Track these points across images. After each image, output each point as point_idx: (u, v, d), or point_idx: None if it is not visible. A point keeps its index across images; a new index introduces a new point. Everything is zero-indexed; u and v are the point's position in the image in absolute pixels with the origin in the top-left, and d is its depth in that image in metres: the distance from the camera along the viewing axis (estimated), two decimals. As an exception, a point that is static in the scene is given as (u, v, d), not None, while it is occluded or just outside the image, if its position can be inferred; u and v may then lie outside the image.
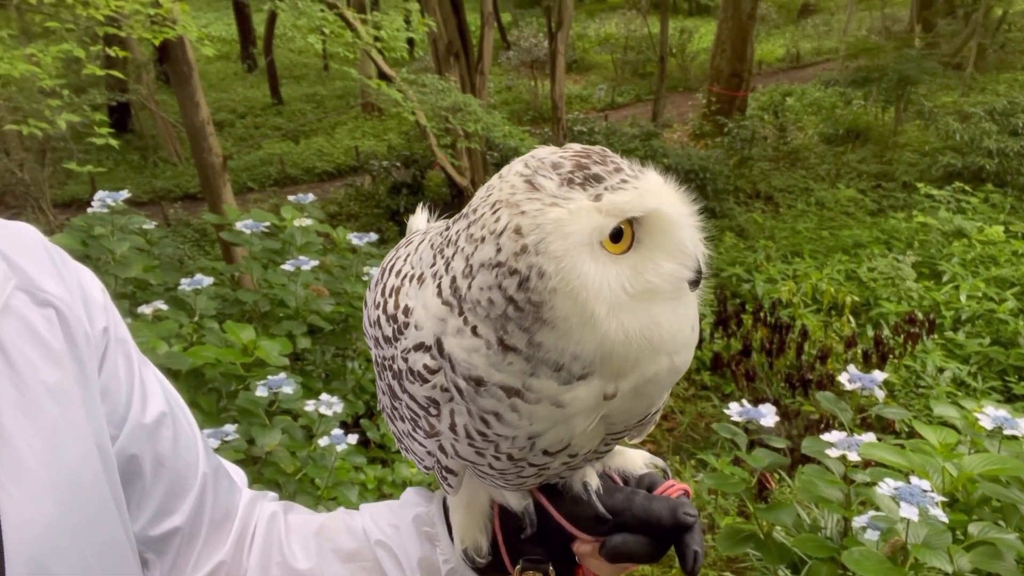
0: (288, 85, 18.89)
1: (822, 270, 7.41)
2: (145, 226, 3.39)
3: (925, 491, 1.72)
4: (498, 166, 6.74)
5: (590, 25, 22.19)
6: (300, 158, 13.96)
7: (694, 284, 0.67)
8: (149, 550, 0.79)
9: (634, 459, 0.85)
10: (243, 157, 13.50)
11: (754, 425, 2.15)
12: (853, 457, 1.93)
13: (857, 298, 6.60)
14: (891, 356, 5.45)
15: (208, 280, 2.94)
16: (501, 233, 0.61)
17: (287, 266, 3.02)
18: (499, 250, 0.61)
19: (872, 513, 1.87)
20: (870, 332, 6.17)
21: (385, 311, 0.72)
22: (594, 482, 0.79)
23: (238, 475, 0.95)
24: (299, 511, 0.93)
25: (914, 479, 1.79)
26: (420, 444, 0.76)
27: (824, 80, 12.77)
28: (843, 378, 2.19)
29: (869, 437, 1.97)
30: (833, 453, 1.96)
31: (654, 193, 0.64)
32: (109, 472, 0.71)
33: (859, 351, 5.50)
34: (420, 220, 0.85)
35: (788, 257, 8.07)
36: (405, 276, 0.72)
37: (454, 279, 0.65)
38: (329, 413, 2.46)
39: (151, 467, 0.78)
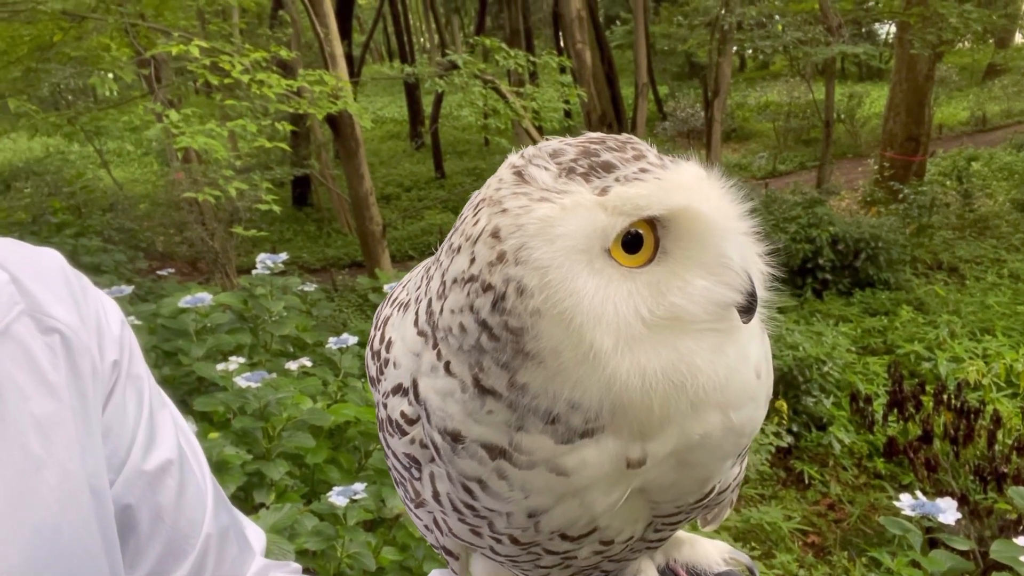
0: (451, 160, 19.91)
1: (1018, 349, 6.59)
2: (305, 288, 3.58)
3: None
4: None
5: (750, 93, 21.80)
6: (459, 228, 14.49)
7: (746, 312, 0.50)
8: None
9: (708, 552, 0.68)
10: (406, 227, 14.25)
11: (934, 522, 1.86)
12: (1059, 569, 1.61)
13: (1063, 382, 5.77)
14: (1109, 451, 4.67)
15: (354, 339, 3.02)
16: (477, 239, 0.48)
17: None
18: (472, 260, 0.47)
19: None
20: (1081, 422, 5.35)
21: (372, 346, 0.61)
22: None
23: (257, 538, 0.86)
24: None
25: None
26: (416, 516, 0.62)
27: (1016, 143, 11.68)
28: (1045, 472, 1.85)
29: (1080, 546, 1.64)
30: (1033, 562, 1.64)
31: (684, 187, 0.48)
32: (102, 521, 0.63)
33: (1067, 443, 4.76)
34: None
35: (976, 334, 7.26)
36: (398, 303, 0.61)
37: (430, 302, 0.52)
38: (459, 478, 2.39)
39: (148, 521, 0.70)
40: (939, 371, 6.41)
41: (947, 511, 1.81)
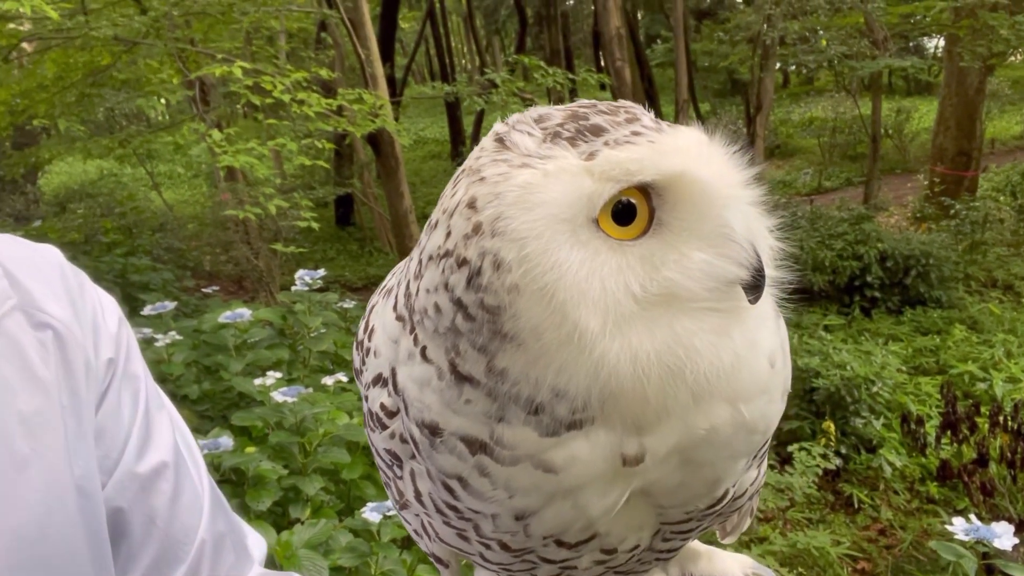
0: (492, 179, 20.05)
1: (1080, 370, 6.32)
2: (344, 305, 3.61)
3: None
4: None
5: (794, 110, 21.54)
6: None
7: (753, 290, 0.45)
8: None
9: (729, 566, 0.62)
10: (447, 246, 14.35)
11: (989, 548, 1.77)
12: None
13: None
14: None
15: (390, 355, 3.02)
16: (454, 211, 0.44)
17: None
18: (448, 234, 0.44)
19: None
20: None
21: (357, 336, 0.58)
22: None
23: (257, 546, 0.82)
24: None
25: None
26: (405, 520, 0.59)
27: (1074, 155, 11.28)
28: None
29: None
30: (1099, 592, 1.54)
31: (680, 151, 0.44)
32: (91, 525, 0.60)
33: None
34: None
35: (1035, 354, 6.99)
36: (385, 290, 0.58)
37: (408, 284, 0.48)
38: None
39: (141, 525, 0.67)
40: (995, 392, 6.19)
41: (1003, 536, 1.71)
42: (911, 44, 17.68)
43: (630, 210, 0.44)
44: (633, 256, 0.43)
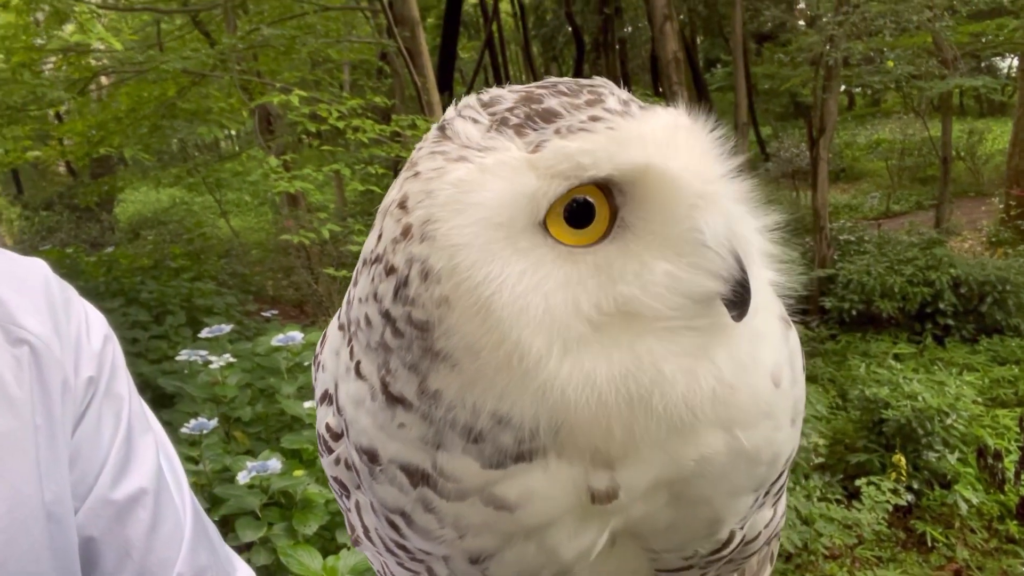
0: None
1: None
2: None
3: None
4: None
5: (860, 132, 21.02)
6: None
7: (736, 306, 0.38)
8: None
9: None
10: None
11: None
12: None
13: None
14: None
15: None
16: (387, 210, 0.39)
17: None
18: (380, 236, 0.39)
19: None
20: None
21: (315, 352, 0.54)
22: None
23: None
24: None
25: None
26: (370, 558, 0.53)
27: None
28: None
29: None
30: None
31: (645, 140, 0.37)
32: (60, 552, 0.57)
33: None
34: None
35: (1125, 386, 6.57)
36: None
37: (349, 290, 0.44)
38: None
39: (113, 557, 0.63)
40: (1081, 426, 5.81)
41: (1093, 584, 1.58)
42: (983, 64, 17.09)
43: (587, 210, 0.37)
44: (586, 267, 0.37)
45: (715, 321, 0.39)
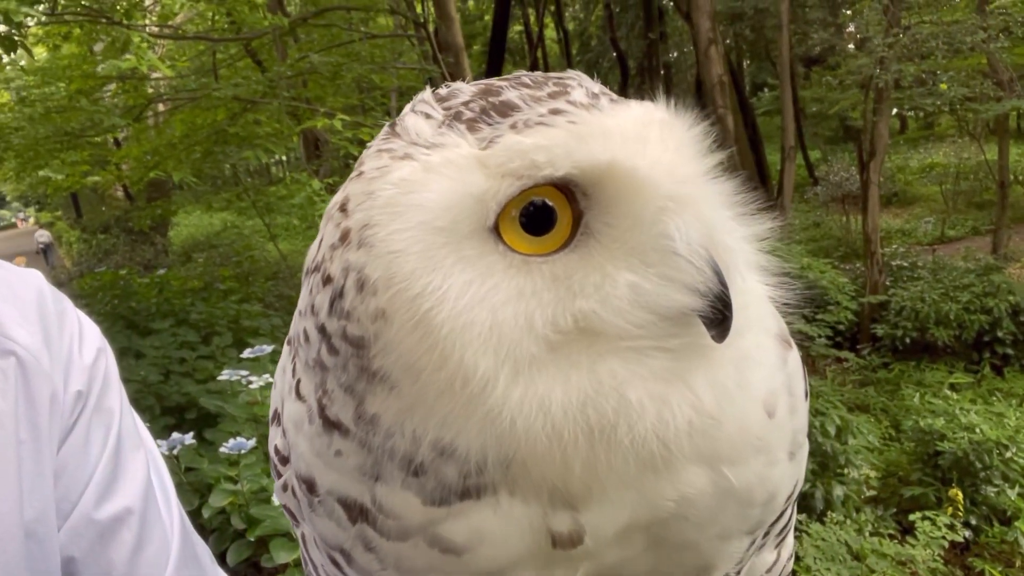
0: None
1: None
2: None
3: None
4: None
5: (912, 156, 20.55)
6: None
7: (716, 325, 0.33)
8: None
9: None
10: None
11: None
12: None
13: None
14: None
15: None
16: (330, 214, 0.36)
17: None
18: (320, 242, 0.36)
19: None
20: None
21: None
22: None
23: None
24: None
25: None
26: None
27: None
28: None
29: None
30: None
31: (610, 135, 0.33)
32: (39, 572, 0.54)
33: None
34: None
35: None
36: None
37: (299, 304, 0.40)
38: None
39: None
40: None
41: None
42: (1042, 85, 16.59)
43: (546, 215, 0.33)
44: (542, 278, 0.33)
45: (691, 342, 0.34)
